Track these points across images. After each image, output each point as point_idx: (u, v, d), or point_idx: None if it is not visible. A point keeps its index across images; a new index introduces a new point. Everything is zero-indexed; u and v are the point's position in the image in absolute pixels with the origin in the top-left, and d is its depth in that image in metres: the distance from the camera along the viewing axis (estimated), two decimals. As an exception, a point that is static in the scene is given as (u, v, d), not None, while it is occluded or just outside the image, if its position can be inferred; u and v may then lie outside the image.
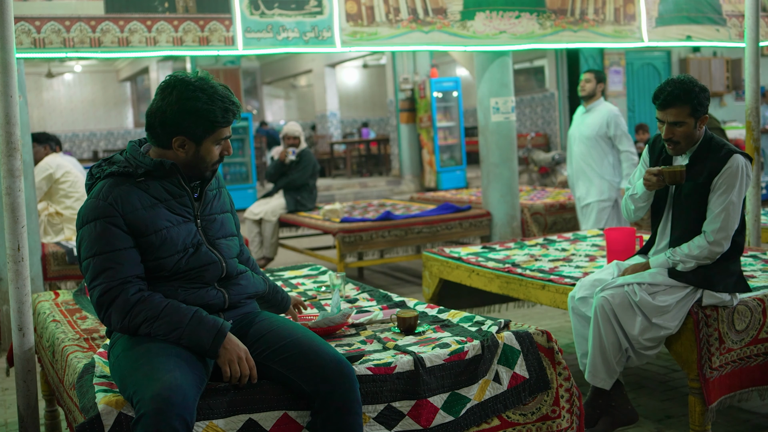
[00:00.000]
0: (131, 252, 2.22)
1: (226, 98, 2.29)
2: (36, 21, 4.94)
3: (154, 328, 2.16)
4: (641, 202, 3.31)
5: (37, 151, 5.93)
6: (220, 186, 2.50)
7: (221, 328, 2.19)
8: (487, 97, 6.66)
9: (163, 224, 2.26)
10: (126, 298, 2.18)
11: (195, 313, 2.20)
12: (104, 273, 2.19)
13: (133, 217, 2.22)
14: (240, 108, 2.35)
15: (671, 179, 3.13)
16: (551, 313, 5.41)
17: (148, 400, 1.94)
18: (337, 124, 18.82)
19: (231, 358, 2.17)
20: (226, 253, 2.39)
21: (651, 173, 3.16)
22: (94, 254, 2.20)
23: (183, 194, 2.32)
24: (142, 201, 2.25)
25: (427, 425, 2.34)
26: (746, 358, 3.16)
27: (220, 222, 2.42)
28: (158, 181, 2.29)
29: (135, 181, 2.27)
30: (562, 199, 7.14)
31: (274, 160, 7.43)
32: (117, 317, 2.19)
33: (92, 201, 2.24)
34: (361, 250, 6.31)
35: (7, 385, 4.36)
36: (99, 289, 2.20)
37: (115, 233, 2.20)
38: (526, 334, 2.57)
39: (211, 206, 2.41)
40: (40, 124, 19.18)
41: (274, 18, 5.53)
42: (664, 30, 6.96)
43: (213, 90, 2.27)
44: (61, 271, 5.37)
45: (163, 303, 2.20)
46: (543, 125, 14.92)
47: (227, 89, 2.33)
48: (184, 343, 2.16)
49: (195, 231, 2.33)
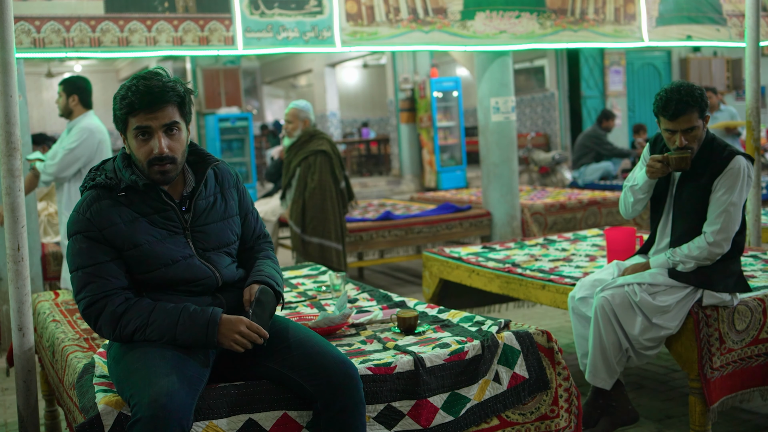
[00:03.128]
0: (114, 264, 2.19)
1: (132, 84, 2.16)
2: (36, 21, 4.94)
3: (147, 335, 2.15)
4: (641, 194, 3.28)
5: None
6: (224, 190, 2.38)
7: (211, 318, 2.16)
8: (487, 97, 6.65)
9: (143, 239, 2.20)
10: (112, 311, 2.16)
11: (182, 311, 2.17)
12: (87, 287, 2.18)
13: (110, 233, 2.18)
14: (156, 90, 2.14)
15: (676, 165, 3.11)
16: (551, 313, 5.41)
17: (144, 405, 1.93)
18: (337, 123, 18.82)
19: (233, 338, 2.16)
20: (219, 264, 2.32)
21: (655, 159, 3.14)
22: (77, 268, 2.19)
23: (167, 208, 2.25)
24: (122, 216, 2.20)
25: (427, 425, 2.33)
26: (747, 358, 3.16)
27: (214, 232, 2.33)
28: (140, 195, 2.24)
29: (117, 195, 2.22)
30: (563, 199, 7.14)
31: (274, 160, 7.43)
32: (108, 330, 2.18)
33: (74, 215, 2.23)
34: (361, 250, 6.30)
35: (6, 385, 4.36)
36: (83, 303, 2.19)
37: (96, 247, 2.18)
38: (526, 334, 2.57)
39: (205, 216, 2.31)
40: (40, 123, 19.16)
41: (274, 18, 5.53)
42: (665, 30, 6.96)
43: (133, 77, 2.18)
44: (61, 271, 5.36)
45: (149, 308, 2.17)
46: (543, 125, 14.91)
47: (153, 75, 2.17)
48: (180, 342, 2.15)
49: (184, 243, 2.27)
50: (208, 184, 2.34)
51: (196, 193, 2.30)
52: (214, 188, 2.37)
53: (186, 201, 2.30)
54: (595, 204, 7.07)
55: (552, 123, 14.69)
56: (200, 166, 2.34)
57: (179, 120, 2.22)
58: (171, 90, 2.18)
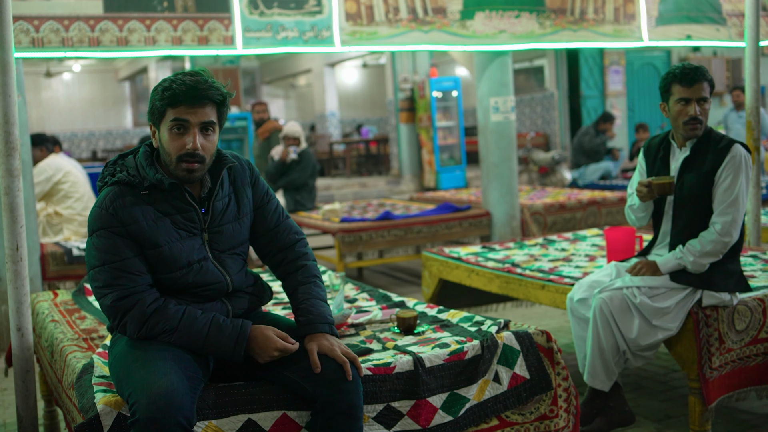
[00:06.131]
0: (138, 260, 2.19)
1: (176, 78, 2.18)
2: (35, 20, 4.93)
3: (173, 339, 2.15)
4: (641, 212, 3.35)
5: (33, 153, 5.90)
6: (237, 190, 2.36)
7: (241, 333, 2.17)
8: (486, 97, 6.65)
9: (164, 240, 2.20)
10: (142, 310, 2.15)
11: (212, 321, 2.17)
12: (115, 282, 2.16)
13: (134, 229, 2.18)
14: (201, 86, 2.16)
15: (660, 191, 3.18)
16: (551, 312, 5.40)
17: (143, 406, 1.93)
18: (337, 123, 18.81)
19: (270, 355, 2.16)
20: (231, 268, 2.32)
21: (642, 185, 3.20)
22: (102, 263, 2.17)
23: (189, 209, 2.25)
24: (145, 214, 2.19)
25: (426, 425, 2.33)
26: (745, 357, 3.16)
27: (229, 232, 2.33)
28: (163, 194, 2.23)
29: (140, 194, 2.21)
30: (562, 199, 7.14)
31: (275, 160, 7.43)
32: (133, 327, 2.17)
33: (96, 210, 2.21)
34: (360, 250, 6.30)
35: (5, 386, 4.35)
36: (110, 297, 2.17)
37: (121, 242, 2.17)
38: (526, 334, 2.57)
39: (221, 217, 2.31)
40: (38, 123, 19.16)
41: (273, 17, 5.52)
42: (664, 29, 6.96)
43: (177, 74, 2.19)
44: (60, 271, 5.36)
45: (179, 313, 2.17)
46: (543, 125, 14.91)
47: (197, 73, 2.20)
48: (207, 352, 2.17)
49: (200, 245, 2.27)
50: (224, 185, 2.34)
51: (213, 194, 2.30)
52: (228, 189, 2.36)
53: (204, 202, 2.30)
54: (595, 204, 7.06)
55: (551, 123, 14.69)
56: (216, 167, 2.32)
57: (215, 121, 2.23)
58: (215, 89, 2.20)
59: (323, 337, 2.22)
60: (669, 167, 3.29)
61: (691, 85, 3.14)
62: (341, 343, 2.24)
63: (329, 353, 2.17)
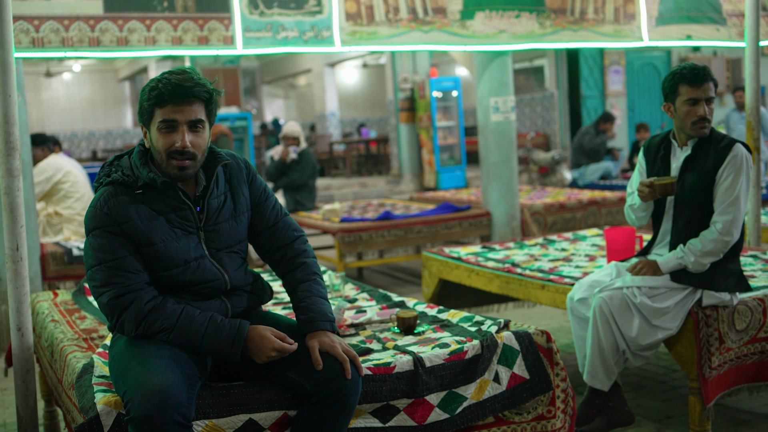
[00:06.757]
0: (134, 258, 2.19)
1: (162, 77, 2.18)
2: (35, 20, 4.93)
3: (171, 338, 2.15)
4: (641, 212, 3.35)
5: (34, 153, 5.91)
6: (233, 188, 2.36)
7: (238, 333, 2.17)
8: (486, 97, 6.65)
9: (159, 238, 2.20)
10: (140, 308, 2.16)
11: (210, 321, 2.17)
12: (112, 280, 2.17)
13: (129, 228, 2.18)
14: (187, 84, 2.16)
15: (662, 191, 3.17)
16: (551, 312, 5.40)
17: (137, 404, 1.94)
18: (337, 123, 18.81)
19: (268, 355, 2.16)
20: (229, 265, 2.32)
21: (644, 185, 3.19)
22: (99, 262, 2.18)
23: (184, 207, 2.25)
24: (139, 213, 2.20)
25: (421, 422, 2.33)
26: (743, 356, 3.17)
27: (225, 231, 2.32)
28: (157, 193, 2.23)
29: (134, 193, 2.22)
30: (562, 199, 7.14)
31: (275, 160, 7.43)
32: (131, 325, 2.17)
33: (91, 210, 2.22)
34: (360, 249, 6.30)
35: (5, 386, 4.35)
36: (108, 295, 2.17)
37: (117, 241, 2.18)
38: (526, 334, 2.57)
39: (217, 215, 2.31)
40: (38, 123, 19.16)
41: (273, 17, 5.52)
42: (664, 29, 6.96)
43: (163, 73, 2.20)
44: (60, 271, 5.36)
45: (177, 312, 2.17)
46: (543, 125, 14.91)
47: (183, 71, 2.20)
48: (204, 352, 2.17)
49: (197, 243, 2.27)
50: (219, 183, 2.33)
51: (207, 192, 2.30)
52: (224, 187, 2.36)
53: (199, 201, 2.30)
54: (595, 204, 7.06)
55: (551, 123, 14.69)
56: (210, 165, 2.32)
57: (204, 119, 2.23)
58: (201, 87, 2.20)
59: (324, 335, 2.23)
60: (669, 167, 3.29)
61: (700, 85, 3.13)
62: (342, 341, 2.24)
63: (330, 350, 2.18)
